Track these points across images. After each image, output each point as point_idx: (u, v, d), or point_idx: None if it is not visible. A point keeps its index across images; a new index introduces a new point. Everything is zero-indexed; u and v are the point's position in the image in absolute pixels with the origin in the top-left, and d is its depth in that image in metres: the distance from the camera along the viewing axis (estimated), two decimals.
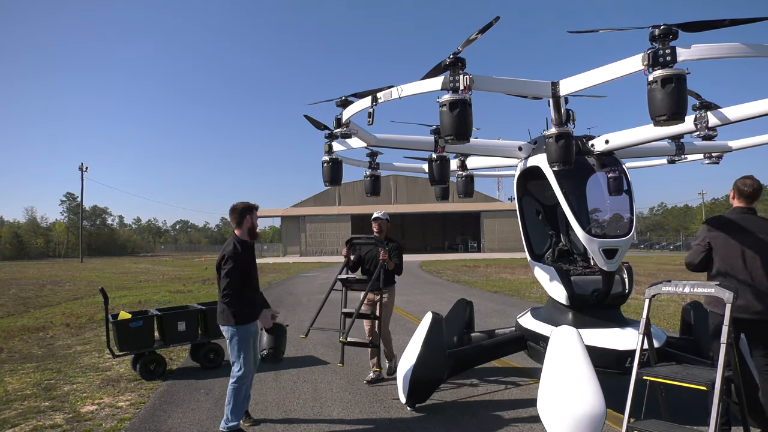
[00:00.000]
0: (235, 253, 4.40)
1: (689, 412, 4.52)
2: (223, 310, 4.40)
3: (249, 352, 4.47)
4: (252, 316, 4.48)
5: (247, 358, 4.44)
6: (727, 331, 3.24)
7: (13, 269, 37.94)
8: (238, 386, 4.38)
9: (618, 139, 4.88)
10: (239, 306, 4.36)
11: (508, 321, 9.02)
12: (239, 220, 4.55)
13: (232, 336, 4.39)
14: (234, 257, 4.37)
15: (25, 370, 6.90)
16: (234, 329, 4.37)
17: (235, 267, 4.34)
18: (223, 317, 4.42)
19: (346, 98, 4.88)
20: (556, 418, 3.84)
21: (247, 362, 4.44)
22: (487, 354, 5.61)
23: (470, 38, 3.72)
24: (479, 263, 32.70)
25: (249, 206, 4.59)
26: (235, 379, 4.38)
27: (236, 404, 4.37)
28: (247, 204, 4.61)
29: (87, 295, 17.40)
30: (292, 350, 7.92)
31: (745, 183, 3.97)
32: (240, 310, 4.37)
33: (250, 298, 4.50)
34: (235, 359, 4.43)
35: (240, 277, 4.38)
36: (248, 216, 4.55)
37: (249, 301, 4.47)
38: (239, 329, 4.38)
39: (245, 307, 4.41)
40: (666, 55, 3.27)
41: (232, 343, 4.41)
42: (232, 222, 4.64)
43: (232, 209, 4.59)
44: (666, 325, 9.14)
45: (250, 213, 4.57)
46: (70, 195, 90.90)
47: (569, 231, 5.49)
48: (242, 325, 4.39)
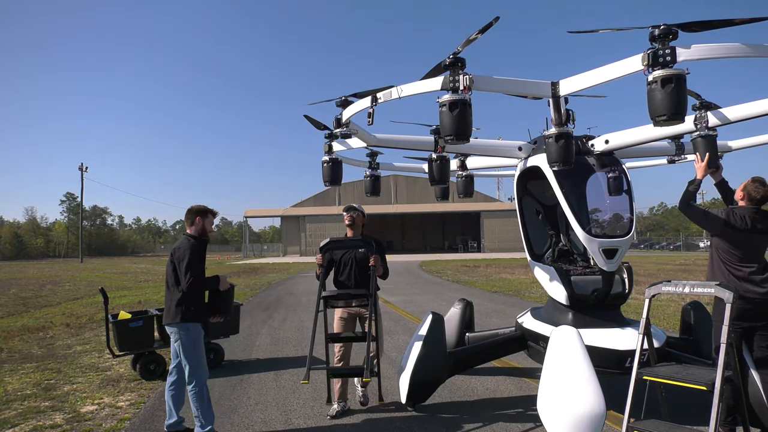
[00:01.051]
0: (192, 247, 4.36)
1: (689, 412, 4.52)
2: (172, 308, 4.33)
3: (203, 351, 4.41)
4: (202, 315, 4.44)
5: (202, 358, 4.37)
6: (726, 331, 3.24)
7: (13, 269, 37.94)
8: (199, 389, 4.28)
9: (618, 139, 4.88)
10: (192, 303, 4.32)
11: (508, 321, 9.02)
12: (192, 220, 4.55)
13: (184, 334, 4.30)
14: (191, 252, 4.32)
15: (25, 370, 6.90)
16: (187, 326, 4.30)
17: (192, 261, 4.29)
18: (171, 314, 4.33)
19: (346, 98, 4.88)
20: (556, 418, 3.84)
21: (202, 362, 4.36)
22: (487, 354, 5.61)
23: (470, 38, 3.72)
24: (479, 263, 32.70)
25: (204, 210, 4.60)
26: (192, 383, 4.28)
27: (204, 408, 4.27)
28: (203, 207, 4.62)
29: (87, 295, 17.40)
30: (291, 350, 7.93)
31: (758, 190, 3.96)
32: (192, 307, 4.32)
33: (202, 296, 4.47)
34: (187, 361, 4.31)
35: (200, 272, 4.35)
36: (199, 218, 4.54)
37: (201, 299, 4.43)
38: (191, 327, 4.32)
39: (196, 305, 4.37)
40: (666, 55, 3.27)
41: (183, 342, 4.30)
42: (185, 222, 4.64)
43: (187, 210, 4.62)
44: (666, 325, 9.14)
45: (204, 216, 4.57)
46: (70, 195, 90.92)
47: (569, 231, 5.49)
48: (194, 323, 4.34)
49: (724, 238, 3.97)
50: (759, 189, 3.95)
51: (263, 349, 8.01)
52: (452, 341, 5.87)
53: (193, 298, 4.36)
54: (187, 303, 4.31)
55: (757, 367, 3.89)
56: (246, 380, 6.21)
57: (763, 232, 3.92)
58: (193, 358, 4.31)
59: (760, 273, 3.85)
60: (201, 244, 4.51)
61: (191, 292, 4.30)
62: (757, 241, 3.95)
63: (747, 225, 3.89)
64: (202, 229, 4.56)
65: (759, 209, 3.97)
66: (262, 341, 8.66)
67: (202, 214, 4.57)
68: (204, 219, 4.57)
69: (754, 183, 3.98)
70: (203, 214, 4.58)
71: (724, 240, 3.97)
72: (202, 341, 4.42)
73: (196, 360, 4.32)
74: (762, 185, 3.95)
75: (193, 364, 4.30)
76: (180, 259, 4.33)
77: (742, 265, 3.90)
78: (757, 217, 3.92)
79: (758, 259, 3.92)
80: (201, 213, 4.58)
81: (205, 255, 4.59)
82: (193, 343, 4.33)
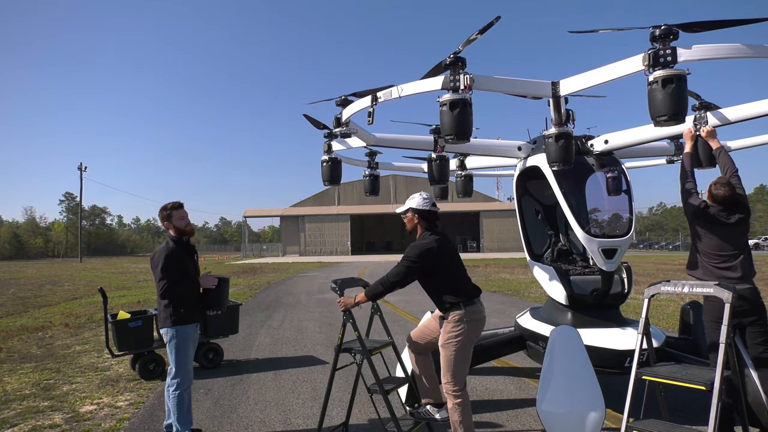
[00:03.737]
0: (167, 251, 4.21)
1: (688, 411, 4.52)
2: (160, 312, 4.24)
3: (188, 356, 4.28)
4: (191, 317, 4.29)
5: (186, 363, 4.25)
6: (726, 331, 3.24)
7: (12, 269, 37.89)
8: (180, 393, 4.19)
9: (617, 139, 4.89)
10: (176, 306, 4.19)
11: (507, 321, 9.02)
12: (164, 223, 4.40)
13: (170, 338, 4.19)
14: (166, 256, 4.17)
15: (24, 369, 6.89)
16: (173, 330, 4.18)
17: (166, 265, 4.15)
18: (160, 319, 4.25)
19: (346, 97, 4.89)
20: (556, 418, 3.84)
21: (185, 367, 4.24)
22: (487, 354, 5.60)
23: (470, 38, 3.73)
24: (478, 263, 32.71)
25: (166, 212, 4.36)
26: (174, 386, 4.19)
27: (182, 413, 4.19)
28: (165, 208, 4.38)
29: (86, 294, 17.38)
30: (291, 350, 7.93)
31: (718, 191, 3.93)
32: (176, 310, 4.19)
33: (189, 297, 4.30)
34: (173, 364, 4.22)
35: (174, 276, 4.18)
36: (166, 222, 4.37)
37: (187, 301, 4.28)
38: (177, 330, 4.20)
39: (181, 308, 4.22)
40: (666, 55, 3.28)
41: (170, 345, 4.20)
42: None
43: (159, 211, 4.45)
44: (665, 325, 9.15)
45: (168, 218, 4.35)
46: (69, 195, 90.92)
47: (568, 231, 5.49)
48: (180, 326, 4.21)
49: (695, 225, 4.02)
50: (719, 189, 3.92)
51: (262, 349, 8.01)
52: None
53: (180, 300, 4.22)
54: (175, 306, 4.20)
55: (756, 366, 3.90)
56: (245, 380, 6.20)
57: (730, 225, 3.92)
58: (177, 361, 4.21)
59: (732, 260, 3.89)
60: (180, 244, 4.34)
61: (173, 297, 4.18)
62: (726, 232, 3.94)
63: (715, 219, 3.92)
64: (176, 229, 4.36)
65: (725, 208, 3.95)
66: (261, 341, 8.65)
67: (166, 217, 4.37)
68: (171, 219, 4.35)
69: (715, 184, 3.96)
70: (167, 217, 4.36)
71: (697, 227, 4.01)
72: (189, 346, 4.30)
73: (179, 364, 4.21)
74: (722, 186, 3.92)
75: (177, 367, 4.21)
76: (154, 266, 4.21)
77: (714, 252, 3.93)
78: (722, 213, 3.93)
79: (730, 249, 3.92)
80: (166, 217, 4.37)
81: (191, 253, 4.45)
82: (178, 347, 4.21)
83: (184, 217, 4.40)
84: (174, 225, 4.34)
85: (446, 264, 3.85)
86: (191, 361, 4.33)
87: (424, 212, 3.94)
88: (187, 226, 4.41)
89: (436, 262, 3.79)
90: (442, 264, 3.82)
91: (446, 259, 3.86)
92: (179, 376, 4.20)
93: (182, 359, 4.22)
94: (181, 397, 4.19)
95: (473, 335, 3.83)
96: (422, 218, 3.94)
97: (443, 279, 3.83)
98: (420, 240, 3.90)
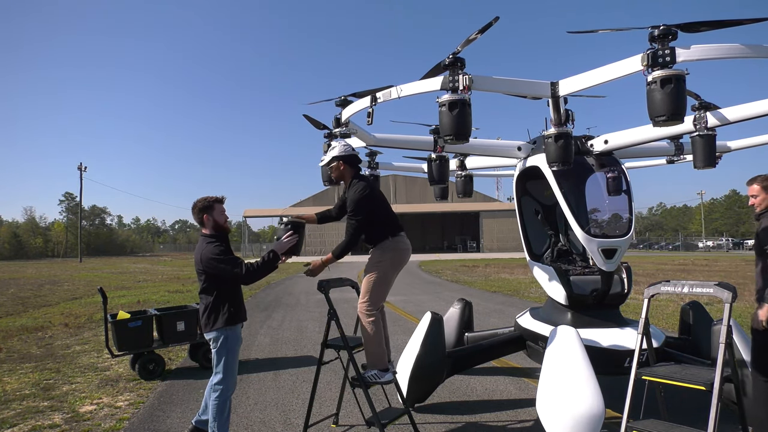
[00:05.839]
0: (220, 247, 3.96)
1: (688, 412, 4.52)
2: (208, 312, 3.99)
3: (236, 359, 4.08)
4: (239, 316, 4.08)
5: (234, 367, 4.04)
6: (726, 331, 3.24)
7: (12, 269, 37.87)
8: (224, 399, 3.98)
9: (617, 139, 4.89)
10: (228, 304, 3.99)
11: (507, 321, 9.02)
12: (200, 219, 4.11)
13: (222, 341, 3.96)
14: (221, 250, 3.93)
15: (23, 369, 6.89)
16: (225, 332, 3.96)
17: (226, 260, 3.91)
18: (210, 320, 3.98)
19: (346, 98, 4.88)
20: (556, 418, 3.84)
21: (234, 371, 4.04)
22: (487, 354, 5.60)
23: (470, 38, 3.73)
24: (478, 263, 32.71)
25: (207, 205, 4.11)
26: (219, 392, 3.96)
27: (222, 420, 3.97)
28: (205, 201, 4.12)
29: (86, 294, 17.37)
30: (291, 350, 7.93)
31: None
32: (228, 309, 3.98)
33: (238, 295, 4.12)
34: (220, 367, 3.97)
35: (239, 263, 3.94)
36: (206, 215, 4.09)
37: (237, 299, 4.08)
38: (229, 331, 3.98)
39: (232, 306, 4.02)
40: (665, 55, 3.28)
41: (220, 348, 3.96)
42: (197, 223, 4.19)
43: (192, 210, 4.17)
44: (665, 325, 9.15)
45: (209, 211, 4.09)
46: (69, 195, 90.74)
47: (568, 231, 5.49)
48: (231, 327, 4.00)
49: None
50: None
51: (262, 349, 8.01)
52: (451, 341, 5.86)
53: (224, 301, 3.98)
54: (218, 309, 3.97)
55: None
56: (245, 380, 6.20)
57: None
58: (226, 365, 3.98)
59: None
60: (222, 240, 4.08)
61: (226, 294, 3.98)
62: None
63: None
64: (215, 224, 4.09)
65: None
66: (261, 341, 8.65)
67: (207, 210, 4.09)
68: (212, 213, 4.09)
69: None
70: (209, 209, 4.09)
71: None
72: (238, 348, 4.10)
73: (227, 368, 3.99)
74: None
75: (225, 372, 3.98)
76: (214, 266, 3.91)
77: None
78: None
79: None
80: (206, 209, 4.09)
81: (230, 247, 4.13)
82: (229, 350, 3.98)
83: (224, 212, 4.19)
84: (214, 219, 4.09)
85: (378, 204, 4.25)
86: (236, 367, 4.10)
87: (348, 157, 4.26)
88: (226, 222, 4.19)
89: (374, 206, 4.19)
90: (377, 204, 4.23)
91: (378, 199, 4.26)
92: (226, 381, 3.99)
93: (231, 363, 4.01)
94: (222, 406, 3.97)
95: (397, 263, 4.28)
96: (347, 164, 4.26)
97: (377, 216, 4.22)
98: (354, 193, 4.16)
